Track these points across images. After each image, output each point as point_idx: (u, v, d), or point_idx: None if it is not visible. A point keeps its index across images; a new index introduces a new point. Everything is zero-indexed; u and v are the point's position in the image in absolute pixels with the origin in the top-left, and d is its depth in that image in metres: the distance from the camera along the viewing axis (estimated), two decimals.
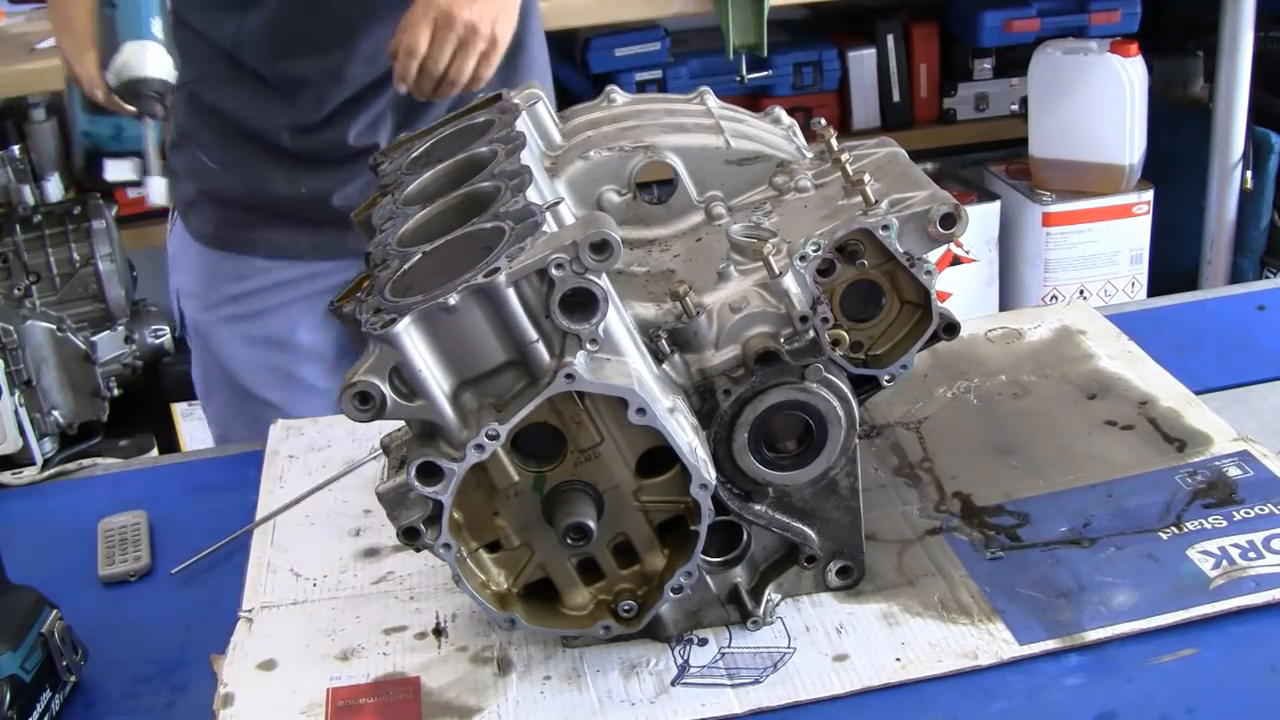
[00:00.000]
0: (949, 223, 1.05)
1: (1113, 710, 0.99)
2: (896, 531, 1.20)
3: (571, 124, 1.25)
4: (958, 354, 1.47)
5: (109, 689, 1.11)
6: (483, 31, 1.44)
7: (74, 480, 1.47)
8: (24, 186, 2.71)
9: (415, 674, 1.08)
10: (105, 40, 1.35)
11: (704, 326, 1.04)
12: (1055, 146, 3.00)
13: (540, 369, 0.94)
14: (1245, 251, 3.07)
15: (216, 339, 1.75)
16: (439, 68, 1.45)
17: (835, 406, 1.04)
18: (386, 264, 1.01)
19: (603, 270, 0.92)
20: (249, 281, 1.71)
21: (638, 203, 1.18)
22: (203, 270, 1.73)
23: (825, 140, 1.19)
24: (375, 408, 0.93)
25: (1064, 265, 3.03)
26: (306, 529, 1.29)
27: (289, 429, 1.48)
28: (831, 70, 3.15)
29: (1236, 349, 1.49)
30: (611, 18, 2.84)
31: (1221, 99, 2.94)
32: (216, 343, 1.75)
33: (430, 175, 1.14)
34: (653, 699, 1.03)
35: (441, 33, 1.43)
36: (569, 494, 1.00)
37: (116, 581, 1.25)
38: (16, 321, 1.60)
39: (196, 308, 1.76)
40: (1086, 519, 1.18)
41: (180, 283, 1.78)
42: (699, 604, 1.09)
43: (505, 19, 1.47)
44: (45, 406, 1.59)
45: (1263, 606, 1.06)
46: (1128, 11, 3.10)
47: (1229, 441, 1.27)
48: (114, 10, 1.34)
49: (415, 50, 1.43)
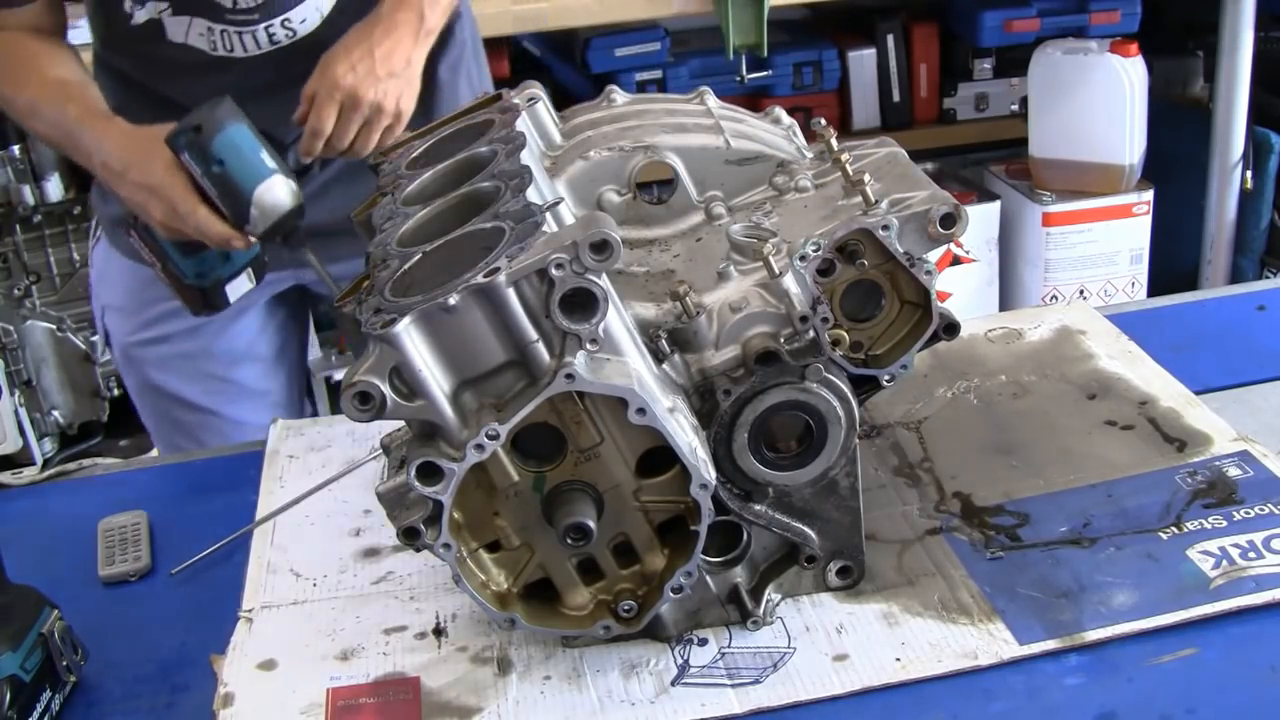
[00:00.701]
0: (949, 223, 1.05)
1: (1113, 710, 0.99)
2: (896, 531, 1.20)
3: (571, 124, 1.25)
4: (958, 354, 1.47)
5: (109, 689, 1.11)
6: (387, 109, 1.45)
7: (74, 480, 1.47)
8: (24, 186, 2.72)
9: (415, 674, 1.08)
10: (230, 198, 1.36)
11: (704, 326, 1.04)
12: (1055, 146, 3.00)
13: (540, 369, 0.94)
14: (1245, 251, 3.07)
15: (148, 354, 1.72)
16: (343, 144, 1.47)
17: (835, 406, 1.04)
18: (386, 264, 1.01)
19: (603, 270, 0.92)
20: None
21: (638, 203, 1.18)
22: (132, 287, 1.69)
23: (825, 140, 1.19)
24: (375, 408, 0.93)
25: (1064, 265, 3.03)
26: (306, 529, 1.29)
27: (289, 429, 1.48)
28: (831, 70, 3.15)
29: (1236, 349, 1.49)
30: (611, 18, 2.84)
31: (1221, 99, 2.94)
32: (149, 357, 1.72)
33: (430, 175, 1.14)
34: (653, 699, 1.03)
35: (347, 113, 1.44)
36: (569, 494, 1.00)
37: (116, 581, 1.25)
38: (16, 321, 1.60)
39: (125, 326, 1.72)
40: (1086, 519, 1.18)
41: (107, 298, 1.74)
42: (699, 604, 1.09)
43: (409, 94, 1.48)
44: (45, 406, 1.59)
45: (1263, 606, 1.06)
46: (1128, 11, 3.10)
47: (1229, 441, 1.27)
48: (224, 166, 1.35)
49: (321, 131, 1.44)
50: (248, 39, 1.51)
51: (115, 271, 1.71)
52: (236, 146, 1.35)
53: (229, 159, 1.35)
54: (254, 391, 1.75)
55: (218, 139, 1.34)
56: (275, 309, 1.76)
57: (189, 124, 1.34)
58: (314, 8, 1.52)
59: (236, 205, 1.36)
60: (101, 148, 1.44)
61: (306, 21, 1.52)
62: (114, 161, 1.42)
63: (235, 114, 1.36)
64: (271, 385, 1.78)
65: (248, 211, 1.36)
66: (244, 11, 1.49)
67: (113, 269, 1.71)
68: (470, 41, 1.73)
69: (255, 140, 1.36)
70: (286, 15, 1.50)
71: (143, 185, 1.40)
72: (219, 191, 1.36)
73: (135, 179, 1.40)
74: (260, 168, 1.36)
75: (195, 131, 1.34)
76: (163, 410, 1.76)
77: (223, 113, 1.35)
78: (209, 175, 1.35)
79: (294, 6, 1.51)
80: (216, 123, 1.34)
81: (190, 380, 1.73)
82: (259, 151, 1.36)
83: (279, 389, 1.80)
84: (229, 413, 1.74)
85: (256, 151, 1.36)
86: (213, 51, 1.52)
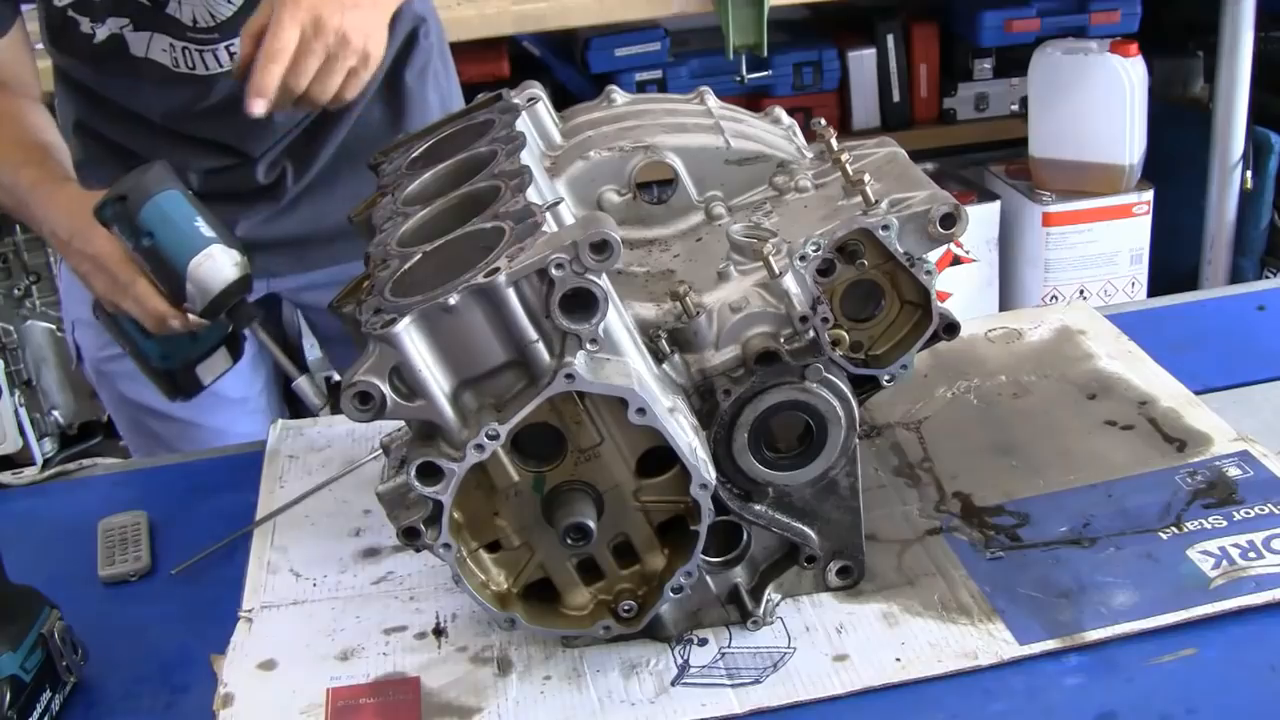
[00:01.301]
0: (949, 223, 1.05)
1: (1113, 710, 0.99)
2: (896, 531, 1.20)
3: (571, 124, 1.25)
4: (958, 354, 1.47)
5: (109, 689, 1.11)
6: (354, 44, 1.28)
7: (74, 480, 1.47)
8: None
9: (415, 674, 1.08)
10: (162, 273, 1.25)
11: (704, 326, 1.04)
12: (1055, 146, 3.00)
13: (540, 369, 0.94)
14: (1245, 251, 3.07)
15: (119, 368, 1.67)
16: (302, 82, 1.28)
17: (835, 406, 1.04)
18: (386, 264, 1.01)
19: (603, 270, 0.92)
20: None
21: (638, 203, 1.18)
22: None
23: (825, 140, 1.19)
24: (375, 408, 0.93)
25: (1064, 265, 3.03)
26: (306, 529, 1.29)
27: (289, 429, 1.48)
28: (831, 70, 3.15)
29: (1236, 349, 1.48)
30: (611, 18, 2.84)
31: (1221, 99, 2.94)
32: (120, 372, 1.68)
33: (430, 175, 1.14)
34: (653, 699, 1.03)
35: (309, 41, 1.26)
36: (569, 494, 1.00)
37: (116, 581, 1.25)
38: (16, 321, 1.60)
39: (96, 342, 1.68)
40: (1086, 519, 1.18)
41: (76, 313, 1.70)
42: (699, 604, 1.09)
43: (378, 36, 1.32)
44: (45, 406, 1.59)
45: (1263, 606, 1.06)
46: (1128, 11, 3.10)
47: (1229, 441, 1.27)
48: (153, 239, 1.24)
49: (280, 54, 1.24)
50: (209, 57, 1.48)
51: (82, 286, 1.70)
52: (166, 216, 1.24)
53: (158, 230, 1.24)
54: (231, 400, 1.72)
55: (145, 209, 1.24)
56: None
57: (114, 194, 1.25)
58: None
59: (170, 281, 1.25)
60: (49, 215, 1.38)
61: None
62: (60, 230, 1.36)
63: (165, 180, 1.26)
64: (249, 392, 1.75)
65: (183, 288, 1.25)
66: (204, 30, 1.45)
67: (80, 283, 1.69)
68: (437, 47, 1.70)
69: (189, 207, 1.25)
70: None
71: (85, 256, 1.33)
72: (151, 266, 1.26)
73: (78, 248, 1.34)
74: (193, 239, 1.24)
75: (120, 202, 1.24)
76: (139, 423, 1.73)
77: (150, 179, 1.25)
78: (139, 249, 1.25)
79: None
80: (143, 191, 1.24)
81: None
82: (193, 220, 1.24)
83: (257, 395, 1.77)
84: (208, 422, 1.71)
85: (190, 220, 1.24)
86: (175, 68, 1.48)
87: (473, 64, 1.91)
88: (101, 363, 1.70)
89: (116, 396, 1.71)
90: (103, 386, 1.74)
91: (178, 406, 1.59)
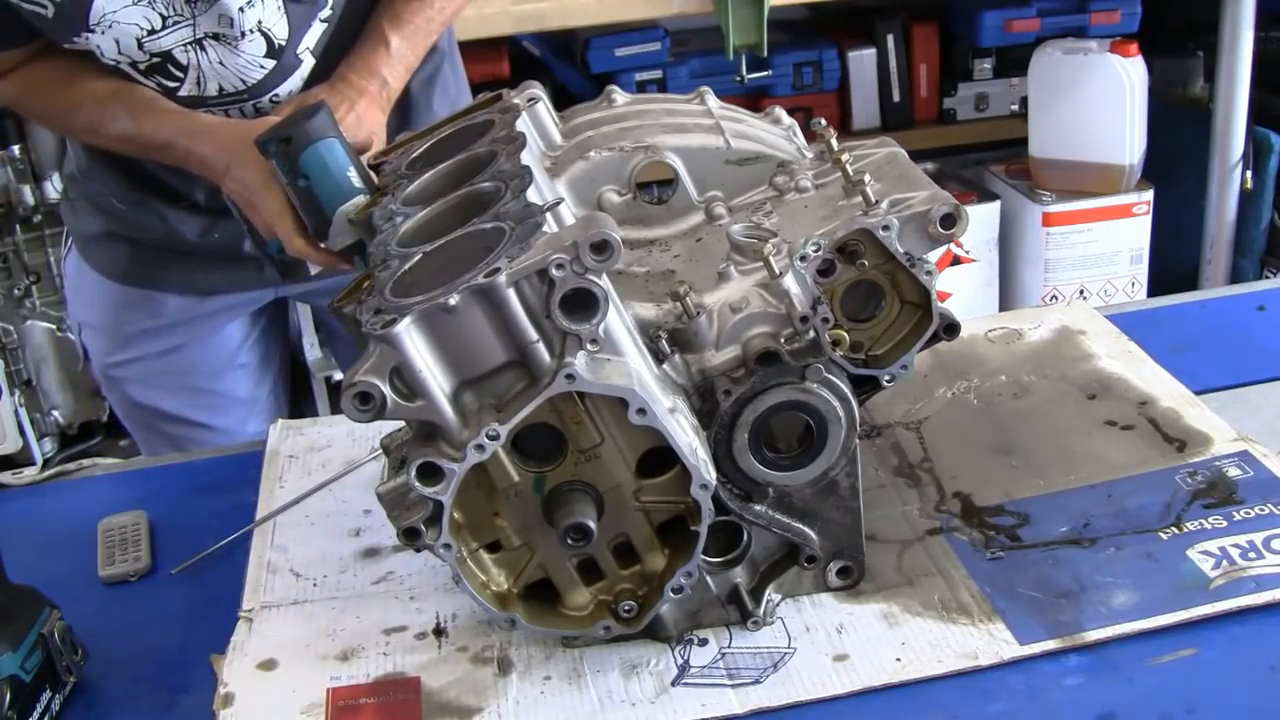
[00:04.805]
0: (949, 223, 1.05)
1: (1113, 710, 0.99)
2: (896, 531, 1.20)
3: (572, 124, 1.25)
4: (958, 354, 1.47)
5: (109, 689, 1.11)
6: None
7: (74, 480, 1.47)
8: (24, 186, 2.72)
9: (415, 674, 1.08)
10: (311, 213, 1.30)
11: (704, 327, 1.04)
12: (1055, 146, 3.00)
13: (540, 369, 0.94)
14: (1245, 251, 3.07)
15: (128, 373, 1.70)
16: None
17: (835, 406, 1.04)
18: (386, 264, 1.01)
19: (603, 270, 0.92)
20: (161, 318, 1.66)
21: (638, 203, 1.18)
22: (107, 307, 1.67)
23: (825, 140, 1.19)
24: (375, 408, 0.93)
25: (1064, 265, 3.03)
26: (306, 529, 1.29)
27: (289, 429, 1.48)
28: (831, 70, 3.15)
29: (1236, 349, 1.49)
30: (611, 18, 2.84)
31: (1221, 99, 2.94)
32: (129, 376, 1.70)
33: (430, 175, 1.14)
34: (653, 699, 1.03)
35: None
36: (569, 494, 1.00)
37: (116, 581, 1.25)
38: (16, 321, 1.60)
39: (103, 347, 1.70)
40: (1086, 519, 1.18)
41: (83, 315, 1.72)
42: (699, 604, 1.09)
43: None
44: (45, 406, 1.59)
45: (1263, 606, 1.06)
46: (1128, 11, 3.10)
47: (1229, 441, 1.27)
48: (309, 181, 1.29)
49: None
50: (233, 111, 1.49)
51: (89, 287, 1.68)
52: (324, 164, 1.29)
53: (315, 175, 1.29)
54: (241, 400, 1.74)
55: (306, 153, 1.29)
56: (257, 317, 1.75)
57: (278, 133, 1.30)
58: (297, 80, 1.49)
59: (317, 221, 1.31)
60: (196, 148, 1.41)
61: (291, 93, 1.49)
62: (215, 161, 1.39)
63: (327, 128, 1.30)
64: (259, 393, 1.77)
65: (326, 228, 1.30)
66: (230, 94, 1.47)
67: (86, 283, 1.68)
68: (448, 52, 1.71)
69: (345, 157, 1.30)
70: (275, 92, 1.48)
71: (242, 188, 1.38)
72: (301, 204, 1.32)
73: (236, 178, 1.38)
74: (346, 187, 1.30)
75: (284, 143, 1.30)
76: (150, 425, 1.74)
77: (314, 127, 1.29)
78: (294, 187, 1.31)
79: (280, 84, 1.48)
80: (306, 136, 1.29)
81: (174, 394, 1.71)
82: (346, 169, 1.30)
83: (266, 395, 1.78)
84: (218, 423, 1.72)
85: (344, 170, 1.29)
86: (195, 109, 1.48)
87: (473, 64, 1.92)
88: (111, 368, 1.70)
89: (125, 399, 1.72)
90: (112, 391, 1.75)
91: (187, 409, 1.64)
